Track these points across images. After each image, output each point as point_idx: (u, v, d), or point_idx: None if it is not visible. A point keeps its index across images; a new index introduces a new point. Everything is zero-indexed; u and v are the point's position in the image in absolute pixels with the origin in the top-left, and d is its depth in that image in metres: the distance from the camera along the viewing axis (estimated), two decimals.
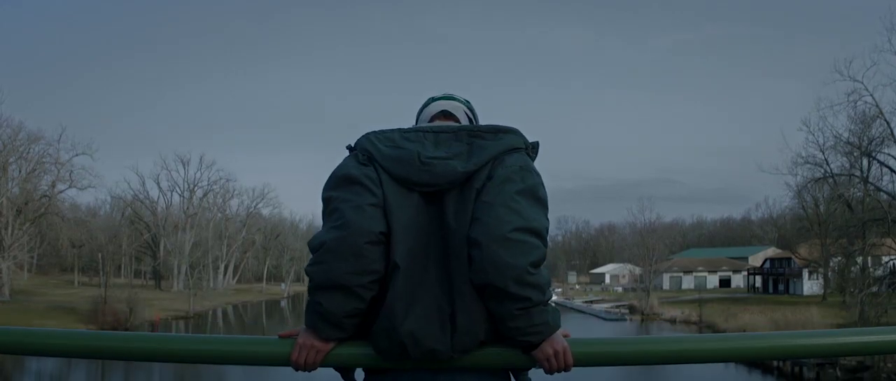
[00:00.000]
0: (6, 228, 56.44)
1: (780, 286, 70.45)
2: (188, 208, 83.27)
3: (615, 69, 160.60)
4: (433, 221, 1.74)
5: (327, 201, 1.75)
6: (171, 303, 63.68)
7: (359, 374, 1.84)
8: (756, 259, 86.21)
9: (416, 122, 2.04)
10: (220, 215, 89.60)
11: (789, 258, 68.37)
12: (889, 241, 40.77)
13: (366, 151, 1.79)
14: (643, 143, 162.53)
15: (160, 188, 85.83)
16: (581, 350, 1.73)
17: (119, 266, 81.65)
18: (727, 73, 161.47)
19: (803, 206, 58.46)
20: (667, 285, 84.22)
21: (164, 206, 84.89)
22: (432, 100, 2.04)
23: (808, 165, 48.15)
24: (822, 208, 56.20)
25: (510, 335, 1.68)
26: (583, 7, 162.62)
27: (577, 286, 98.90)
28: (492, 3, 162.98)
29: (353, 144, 1.85)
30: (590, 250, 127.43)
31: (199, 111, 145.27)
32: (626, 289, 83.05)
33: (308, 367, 1.73)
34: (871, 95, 41.01)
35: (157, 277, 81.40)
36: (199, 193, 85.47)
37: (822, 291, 58.64)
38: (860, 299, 37.89)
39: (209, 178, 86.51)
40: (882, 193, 43.63)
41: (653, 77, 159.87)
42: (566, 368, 1.72)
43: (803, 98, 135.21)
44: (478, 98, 2.15)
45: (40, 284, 69.33)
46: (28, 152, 61.04)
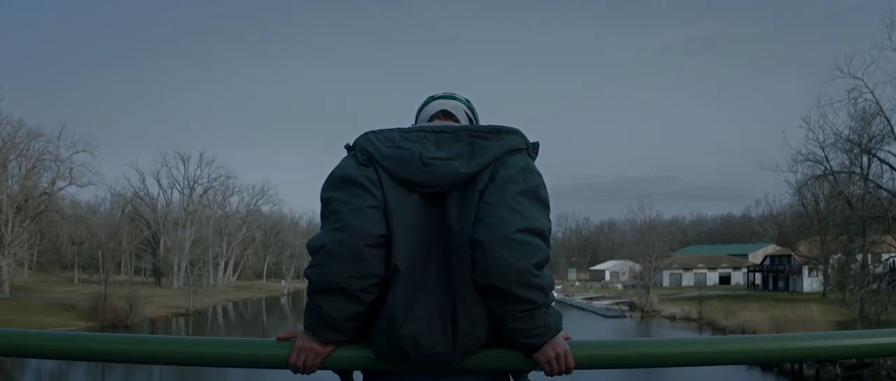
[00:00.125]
0: (6, 225, 56.46)
1: (780, 284, 70.47)
2: (188, 205, 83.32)
3: (615, 66, 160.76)
4: (434, 222, 1.71)
5: (326, 203, 1.72)
6: (172, 300, 63.73)
7: (358, 377, 1.82)
8: (756, 256, 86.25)
9: (415, 121, 2.01)
10: (220, 212, 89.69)
11: (789, 255, 68.39)
12: (889, 238, 40.81)
13: (365, 151, 1.76)
14: (643, 140, 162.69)
15: (160, 185, 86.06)
16: (582, 353, 1.72)
17: (119, 263, 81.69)
18: (727, 70, 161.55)
19: (803, 203, 58.52)
20: (667, 282, 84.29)
21: (165, 203, 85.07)
22: (432, 99, 2.01)
23: (809, 162, 48.28)
24: (822, 206, 56.26)
25: (512, 337, 1.66)
26: (582, 5, 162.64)
27: (577, 283, 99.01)
28: (492, 1, 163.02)
29: (351, 143, 1.82)
30: (590, 247, 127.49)
31: (199, 108, 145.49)
32: (626, 286, 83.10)
33: (307, 370, 1.72)
34: (872, 92, 41.11)
35: (158, 274, 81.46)
36: (200, 190, 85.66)
37: (822, 288, 58.65)
38: (860, 297, 37.92)
39: (209, 175, 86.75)
40: (882, 190, 43.67)
41: (653, 74, 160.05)
42: (567, 371, 1.71)
43: (804, 95, 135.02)
44: (477, 96, 2.13)
45: (40, 281, 69.39)
46: (28, 149, 61.13)
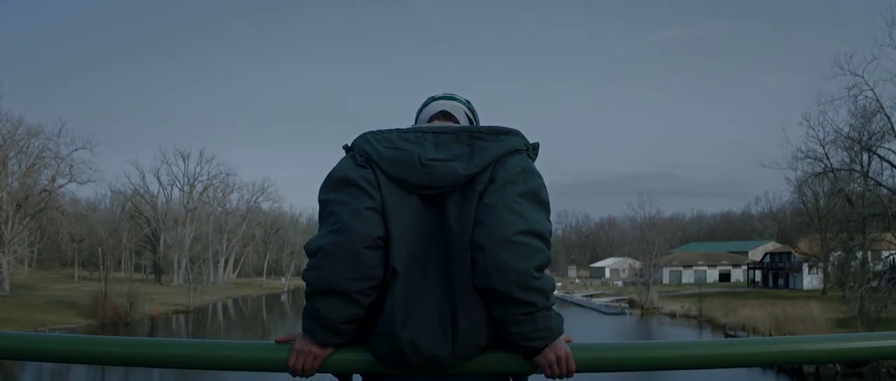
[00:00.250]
0: (6, 222, 56.46)
1: (780, 281, 70.52)
2: (188, 203, 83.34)
3: (615, 63, 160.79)
4: (433, 224, 1.69)
5: (324, 204, 1.71)
6: (172, 297, 63.80)
7: (357, 380, 1.80)
8: (756, 254, 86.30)
9: (415, 121, 2.00)
10: (220, 210, 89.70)
11: (789, 253, 68.43)
12: (889, 236, 40.85)
13: (363, 151, 1.74)
14: (643, 137, 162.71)
15: (160, 183, 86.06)
16: (584, 356, 1.70)
17: (119, 261, 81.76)
18: (727, 67, 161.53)
19: (803, 200, 58.55)
20: (667, 280, 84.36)
21: (164, 200, 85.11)
22: (432, 99, 1.99)
23: (809, 159, 48.31)
24: (822, 203, 56.31)
25: (513, 340, 1.64)
26: (582, 4, 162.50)
27: (577, 280, 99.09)
28: (492, 0, 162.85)
29: (349, 144, 1.80)
30: (590, 245, 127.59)
31: (199, 106, 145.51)
32: (626, 283, 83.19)
33: (306, 373, 1.70)
34: (872, 89, 41.14)
35: (158, 271, 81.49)
36: (199, 187, 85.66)
37: (822, 285, 58.71)
38: (860, 294, 37.98)
39: (209, 172, 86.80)
40: (882, 187, 43.67)
41: (653, 72, 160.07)
42: (569, 374, 1.69)
43: (804, 93, 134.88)
44: (477, 94, 2.12)
45: (40, 278, 69.40)
46: (28, 147, 61.14)
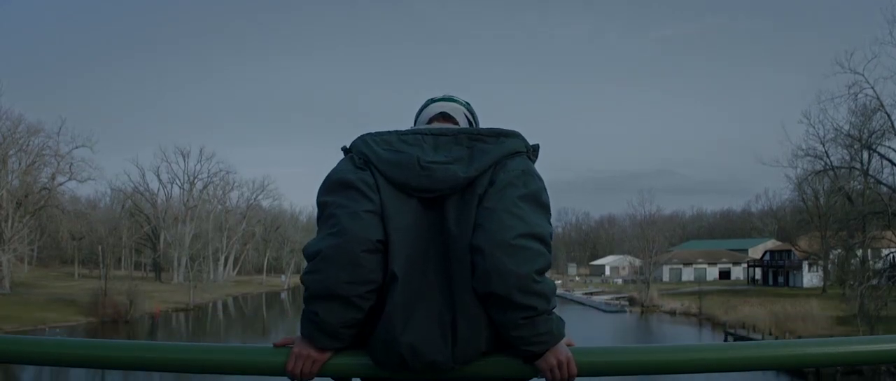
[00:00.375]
0: (6, 220, 56.49)
1: (780, 279, 70.57)
2: (188, 200, 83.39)
3: (615, 61, 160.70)
4: (433, 227, 1.67)
5: (322, 207, 1.69)
6: (172, 295, 63.87)
7: None
8: (756, 251, 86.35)
9: (414, 123, 1.98)
10: (220, 207, 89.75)
11: (789, 251, 68.47)
12: (889, 234, 40.85)
13: (362, 154, 1.72)
14: (643, 134, 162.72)
15: (160, 180, 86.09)
16: (586, 360, 1.68)
17: (119, 258, 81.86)
18: (728, 65, 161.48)
19: (803, 198, 58.58)
20: (667, 277, 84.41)
21: (164, 198, 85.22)
22: (431, 101, 1.98)
23: (809, 157, 48.33)
24: (822, 201, 56.33)
25: (513, 344, 1.63)
26: (582, 3, 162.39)
27: (577, 278, 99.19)
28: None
29: (348, 146, 1.79)
30: (590, 242, 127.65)
31: (199, 105, 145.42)
32: (625, 281, 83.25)
33: (304, 377, 1.69)
34: (872, 87, 41.11)
35: (158, 269, 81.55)
36: (199, 185, 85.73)
37: (822, 283, 58.76)
38: (860, 292, 37.96)
39: (209, 170, 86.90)
40: (882, 185, 43.68)
41: (653, 69, 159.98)
42: (570, 378, 1.66)
43: (804, 90, 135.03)
44: (477, 93, 2.10)
45: (40, 276, 69.48)
46: (28, 145, 61.18)
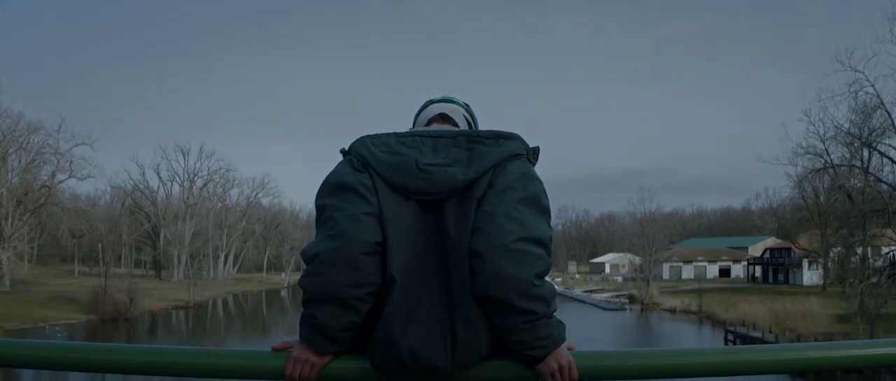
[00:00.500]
0: (6, 218, 56.49)
1: (780, 277, 70.59)
2: (188, 198, 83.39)
3: (615, 59, 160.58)
4: (432, 230, 1.66)
5: (321, 209, 1.68)
6: (172, 293, 63.89)
7: None
8: (756, 249, 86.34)
9: (413, 124, 1.97)
10: (220, 205, 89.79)
11: (789, 248, 68.48)
12: (889, 231, 40.86)
13: (360, 156, 1.71)
14: (643, 132, 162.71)
15: (160, 178, 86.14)
16: (587, 364, 1.67)
17: (119, 256, 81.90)
18: (728, 64, 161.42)
19: (803, 196, 58.59)
20: (667, 275, 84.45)
21: (164, 196, 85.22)
22: (430, 102, 1.96)
23: (809, 155, 48.38)
24: (822, 199, 56.33)
25: (514, 349, 1.62)
26: (582, 2, 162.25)
27: (577, 276, 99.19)
28: None
29: (347, 148, 1.78)
30: (590, 240, 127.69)
31: (199, 102, 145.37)
32: (626, 279, 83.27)
33: None
34: (873, 85, 41.13)
35: (158, 267, 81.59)
36: (199, 182, 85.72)
37: (822, 281, 58.77)
38: (860, 290, 37.98)
39: (209, 167, 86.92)
40: (882, 183, 43.71)
41: (653, 67, 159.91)
42: None
43: (804, 88, 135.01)
44: (477, 92, 2.10)
45: (40, 274, 69.53)
46: (28, 143, 61.17)
